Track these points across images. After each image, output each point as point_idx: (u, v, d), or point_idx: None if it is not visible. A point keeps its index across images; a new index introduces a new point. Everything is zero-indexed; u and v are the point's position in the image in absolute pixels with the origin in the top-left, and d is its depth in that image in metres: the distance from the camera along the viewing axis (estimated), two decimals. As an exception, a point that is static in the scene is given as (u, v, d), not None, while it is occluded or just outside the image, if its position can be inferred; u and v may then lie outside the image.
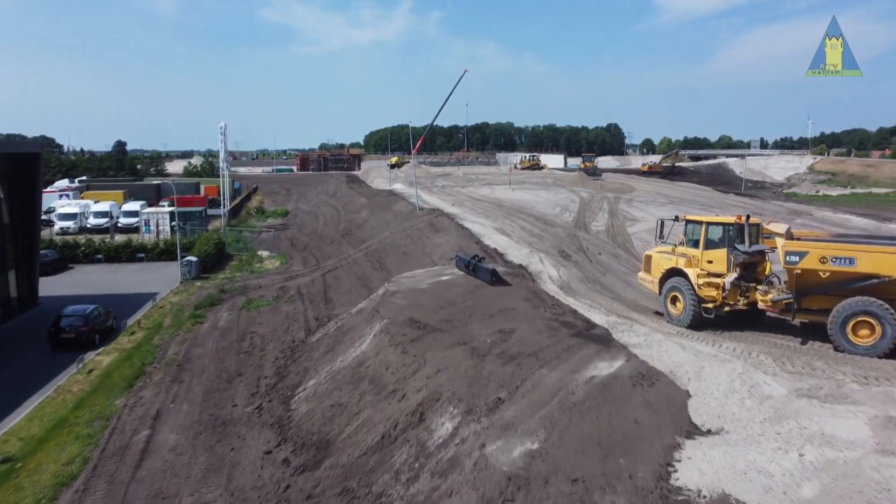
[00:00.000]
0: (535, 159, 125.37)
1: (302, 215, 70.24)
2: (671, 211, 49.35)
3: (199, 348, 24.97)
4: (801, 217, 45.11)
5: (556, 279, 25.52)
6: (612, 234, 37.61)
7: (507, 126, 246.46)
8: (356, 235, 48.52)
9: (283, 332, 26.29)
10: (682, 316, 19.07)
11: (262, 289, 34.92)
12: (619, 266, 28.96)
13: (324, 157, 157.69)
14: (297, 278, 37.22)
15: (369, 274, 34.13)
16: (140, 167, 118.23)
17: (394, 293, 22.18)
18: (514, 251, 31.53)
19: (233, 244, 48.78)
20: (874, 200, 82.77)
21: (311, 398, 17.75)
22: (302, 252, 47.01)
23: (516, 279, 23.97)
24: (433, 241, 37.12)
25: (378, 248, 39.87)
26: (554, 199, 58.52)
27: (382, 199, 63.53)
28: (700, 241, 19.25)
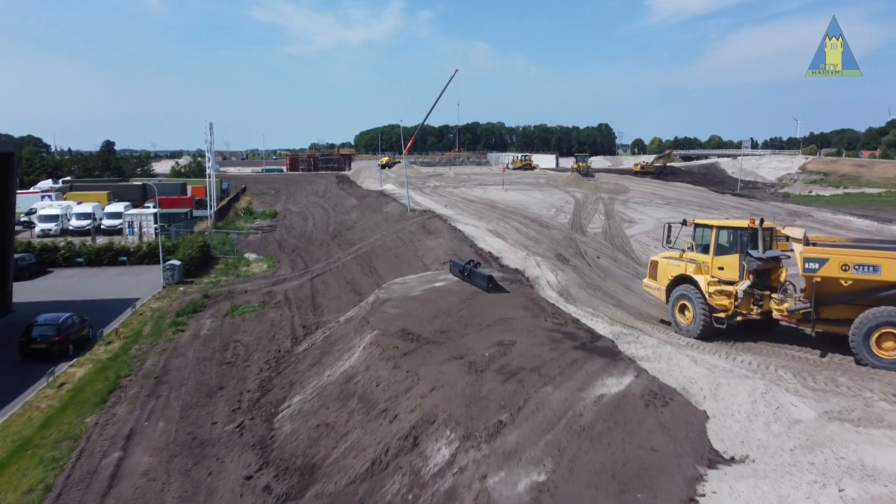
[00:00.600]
0: (526, 159, 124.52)
1: (291, 216, 68.85)
2: (668, 212, 48.42)
3: (179, 359, 23.64)
4: (800, 218, 44.18)
5: (555, 285, 24.39)
6: (610, 236, 36.53)
7: (497, 126, 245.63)
8: (346, 238, 47.23)
9: (268, 341, 24.99)
10: (691, 326, 17.95)
11: (247, 294, 33.60)
12: (619, 270, 27.86)
13: (314, 158, 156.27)
14: (284, 283, 35.90)
15: (359, 279, 32.87)
16: (126, 167, 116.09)
17: (385, 301, 20.94)
18: (510, 255, 30.40)
19: (219, 247, 47.34)
20: (868, 201, 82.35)
21: (296, 416, 16.50)
22: (290, 255, 45.68)
23: (513, 285, 22.81)
24: (425, 244, 35.91)
25: (368, 252, 38.61)
26: (548, 199, 57.45)
27: (373, 199, 62.26)
28: (710, 247, 18.13)
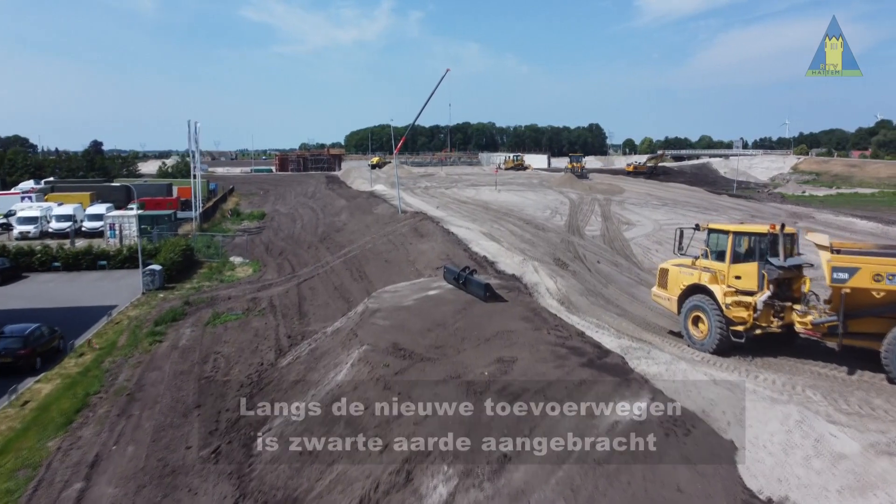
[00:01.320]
0: (518, 159, 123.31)
1: (279, 218, 67.26)
2: (666, 214, 47.27)
3: (155, 373, 22.11)
4: (802, 220, 43.10)
5: (555, 292, 23.04)
6: (609, 239, 35.25)
7: (488, 126, 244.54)
8: (335, 240, 45.74)
9: (250, 353, 23.50)
10: (706, 340, 16.64)
11: (231, 300, 32.06)
12: (621, 276, 26.56)
13: (303, 158, 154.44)
14: (269, 288, 34.39)
15: (348, 284, 31.41)
16: (112, 168, 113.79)
17: (374, 311, 19.51)
18: (506, 259, 29.05)
19: (203, 250, 45.67)
20: (862, 201, 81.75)
21: (277, 441, 15.02)
22: (277, 258, 44.14)
23: (511, 293, 21.44)
24: (417, 247, 34.52)
25: (358, 255, 37.15)
26: (542, 201, 56.19)
27: (363, 201, 60.79)
28: (726, 254, 16.81)
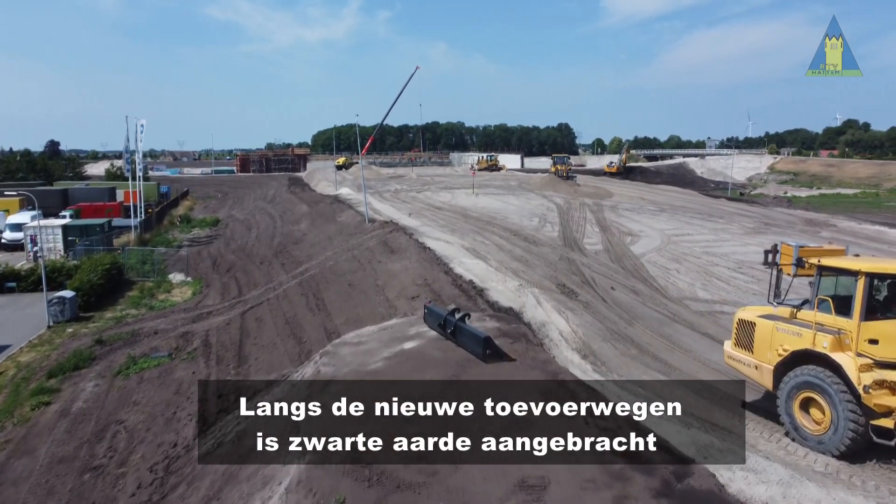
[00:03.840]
0: (493, 160, 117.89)
1: (234, 225, 60.82)
2: (668, 222, 41.66)
3: (24, 460, 15.94)
4: (824, 229, 38.38)
5: (571, 337, 17.49)
6: (616, 255, 29.81)
7: (458, 126, 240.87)
8: (292, 255, 39.60)
9: (164, 424, 17.45)
10: (827, 436, 11.10)
11: (157, 336, 25.88)
12: (645, 309, 21.12)
13: (266, 158, 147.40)
14: (208, 318, 28.24)
15: (302, 316, 25.43)
16: (55, 169, 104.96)
17: (327, 384, 13.64)
18: (497, 284, 23.46)
19: (137, 267, 39.07)
20: (851, 202, 78.68)
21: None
22: (224, 276, 37.89)
23: (516, 344, 15.78)
24: (387, 267, 28.69)
25: (317, 276, 31.15)
26: (526, 206, 50.71)
27: (326, 206, 54.61)
28: (854, 305, 11.33)
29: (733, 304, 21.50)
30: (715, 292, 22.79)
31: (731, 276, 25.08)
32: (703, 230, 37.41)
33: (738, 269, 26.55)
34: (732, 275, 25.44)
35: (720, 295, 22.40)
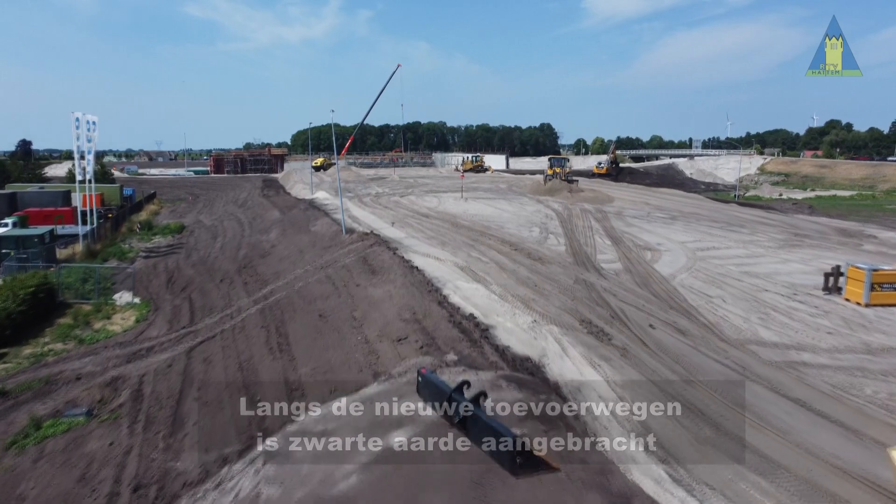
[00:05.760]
0: (478, 160, 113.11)
1: (199, 232, 55.27)
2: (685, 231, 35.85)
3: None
4: (866, 241, 33.90)
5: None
6: (640, 277, 24.97)
7: (439, 125, 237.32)
8: (257, 271, 34.40)
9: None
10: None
11: (79, 383, 20.67)
12: (698, 355, 16.33)
13: (241, 158, 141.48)
14: (147, 356, 23.05)
15: (260, 360, 20.31)
16: (12, 171, 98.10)
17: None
18: (505, 319, 18.63)
19: (77, 287, 33.56)
20: (852, 204, 75.32)
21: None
22: (178, 296, 32.58)
23: (554, 434, 10.90)
24: (367, 292, 23.69)
25: (283, 301, 26.07)
26: (522, 213, 45.89)
27: (299, 213, 49.38)
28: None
29: (812, 350, 16.82)
30: (781, 331, 18.09)
31: (789, 308, 20.41)
32: (728, 242, 32.80)
33: (793, 295, 21.92)
34: (790, 304, 20.78)
35: (790, 336, 17.70)
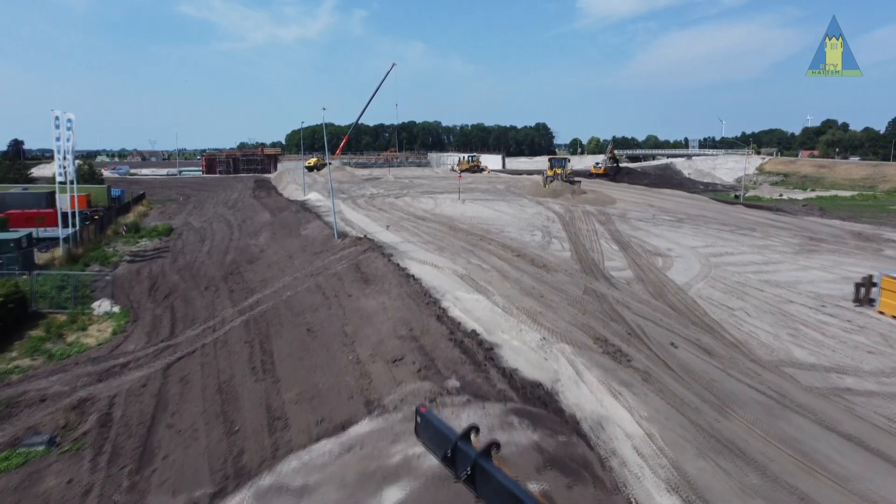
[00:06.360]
0: (474, 160, 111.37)
1: (188, 234, 53.37)
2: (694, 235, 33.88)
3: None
4: (885, 246, 32.20)
5: (648, 451, 10.93)
6: (654, 287, 23.23)
7: (434, 125, 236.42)
8: (244, 277, 32.58)
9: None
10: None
11: (44, 406, 18.83)
12: (730, 380, 14.62)
13: (234, 158, 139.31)
14: (121, 373, 21.22)
15: (241, 382, 18.50)
16: None
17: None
18: (510, 337, 16.87)
19: (51, 295, 31.57)
20: (856, 205, 74.17)
21: None
22: (159, 305, 30.72)
23: (577, 489, 9.16)
24: (360, 304, 21.91)
25: (269, 313, 24.26)
26: (522, 215, 44.17)
27: (290, 215, 47.55)
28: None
29: (855, 373, 15.12)
30: (816, 350, 16.39)
31: (820, 322, 18.73)
32: (741, 247, 31.11)
33: (821, 308, 20.24)
34: (820, 318, 19.11)
35: (827, 356, 16.00)
